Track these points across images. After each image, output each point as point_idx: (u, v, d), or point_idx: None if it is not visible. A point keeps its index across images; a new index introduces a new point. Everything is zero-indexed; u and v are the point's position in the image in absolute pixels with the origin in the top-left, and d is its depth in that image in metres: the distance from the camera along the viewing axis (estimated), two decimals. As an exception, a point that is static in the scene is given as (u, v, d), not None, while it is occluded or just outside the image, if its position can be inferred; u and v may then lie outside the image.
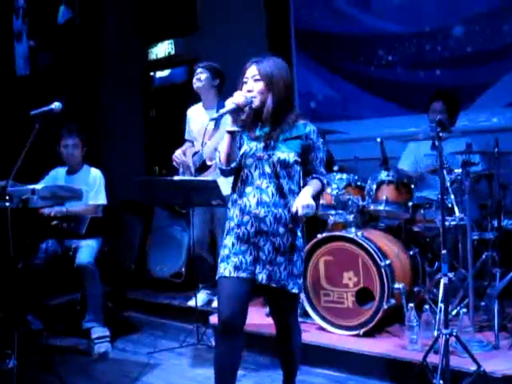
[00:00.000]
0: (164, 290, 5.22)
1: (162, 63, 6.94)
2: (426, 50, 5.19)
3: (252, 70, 2.64)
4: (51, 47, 5.97)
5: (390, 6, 5.36)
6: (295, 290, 2.65)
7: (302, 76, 5.96)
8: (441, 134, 3.04)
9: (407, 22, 5.27)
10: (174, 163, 4.48)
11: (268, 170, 2.61)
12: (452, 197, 3.64)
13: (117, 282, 4.93)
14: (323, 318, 3.87)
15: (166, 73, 7.04)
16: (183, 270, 5.26)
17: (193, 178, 4.26)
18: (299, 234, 2.68)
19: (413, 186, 4.03)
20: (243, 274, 2.60)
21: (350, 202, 3.98)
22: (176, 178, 4.24)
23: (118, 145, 6.70)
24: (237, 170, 2.68)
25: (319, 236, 3.89)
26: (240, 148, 2.67)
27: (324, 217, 4.22)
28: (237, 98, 2.54)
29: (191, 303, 4.47)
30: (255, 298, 4.38)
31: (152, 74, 7.15)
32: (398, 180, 3.97)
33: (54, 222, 3.84)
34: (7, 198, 3.15)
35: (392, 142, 4.30)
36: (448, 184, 3.62)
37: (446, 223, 3.18)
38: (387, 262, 3.71)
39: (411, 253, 4.07)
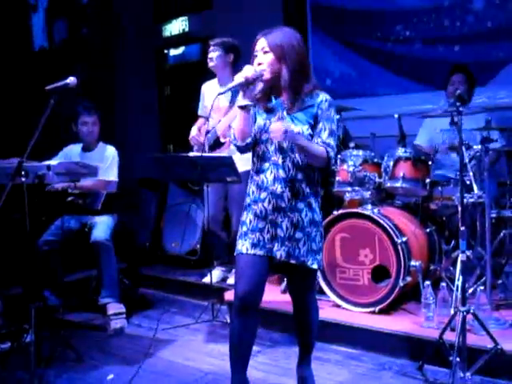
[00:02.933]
0: (179, 266, 5.25)
1: (176, 41, 6.89)
2: (445, 25, 5.10)
3: (261, 43, 2.59)
4: (68, 21, 5.93)
5: (408, -20, 5.26)
6: (315, 266, 2.63)
7: (317, 53, 5.89)
8: (461, 109, 2.98)
9: (425, -3, 5.17)
10: (192, 143, 4.49)
11: (283, 144, 2.56)
12: (471, 174, 3.57)
13: (132, 258, 4.94)
14: (339, 296, 3.86)
15: (180, 50, 6.99)
16: (198, 246, 5.27)
17: (208, 154, 4.24)
18: (317, 208, 2.65)
19: (430, 163, 3.97)
20: (260, 252, 2.58)
21: (366, 179, 3.94)
22: (191, 154, 4.23)
23: (134, 123, 6.69)
24: (253, 146, 2.64)
25: (335, 213, 3.87)
26: (254, 123, 2.62)
27: (340, 193, 4.19)
28: (246, 72, 2.50)
29: (206, 280, 4.48)
30: (271, 275, 4.41)
31: (166, 51, 7.11)
32: (415, 156, 3.92)
33: (70, 198, 3.84)
34: (23, 173, 3.15)
35: (409, 119, 4.24)
36: (467, 161, 3.57)
37: (464, 200, 3.13)
38: (404, 239, 3.68)
39: (428, 230, 4.04)
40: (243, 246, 2.61)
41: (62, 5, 5.88)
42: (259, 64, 2.56)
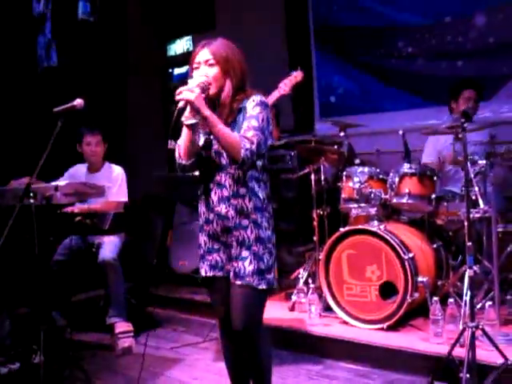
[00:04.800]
0: (186, 285, 5.23)
1: (180, 60, 6.95)
2: (447, 40, 5.14)
3: (204, 54, 2.41)
4: (70, 43, 5.98)
5: (409, -3, 5.32)
6: (262, 286, 2.43)
7: (320, 70, 5.95)
8: (465, 125, 2.99)
9: (428, 13, 5.23)
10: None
11: (223, 161, 2.42)
12: (476, 189, 3.58)
13: (139, 277, 4.94)
14: (346, 312, 3.85)
15: (184, 69, 7.05)
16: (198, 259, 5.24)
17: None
18: (265, 224, 2.46)
19: (435, 179, 3.98)
20: (219, 273, 2.49)
21: (372, 195, 3.95)
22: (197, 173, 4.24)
23: (140, 141, 6.73)
24: (199, 165, 2.49)
25: (341, 229, 3.88)
26: (199, 140, 2.48)
27: (346, 210, 4.20)
28: (191, 84, 2.32)
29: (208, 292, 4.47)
30: (279, 292, 4.41)
31: (170, 70, 7.18)
32: (420, 172, 3.92)
33: (78, 219, 3.85)
34: (31, 195, 3.17)
35: (414, 134, 4.26)
36: (472, 176, 3.57)
37: (470, 215, 3.14)
38: (410, 255, 3.68)
39: (434, 246, 4.04)
40: (202, 269, 2.53)
41: (68, 25, 5.92)
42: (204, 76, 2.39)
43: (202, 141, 2.48)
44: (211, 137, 2.44)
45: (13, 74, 5.42)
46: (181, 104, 2.29)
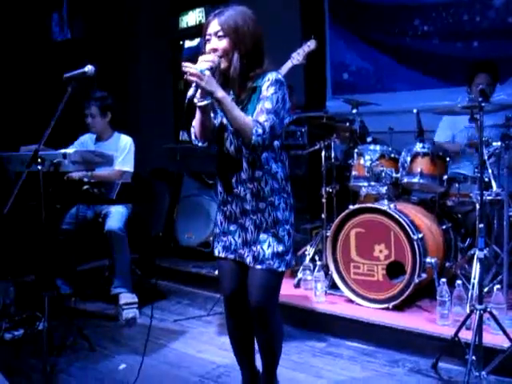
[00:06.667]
0: (192, 258, 5.23)
1: (192, 32, 6.86)
2: (464, 20, 5.04)
3: (214, 26, 2.27)
4: (83, 19, 5.94)
5: (427, -25, 5.21)
6: (282, 269, 2.40)
7: (334, 46, 5.87)
8: (483, 105, 2.93)
9: (444, -10, 5.12)
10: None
11: (241, 142, 2.31)
12: (490, 171, 3.52)
13: (145, 249, 4.94)
14: (352, 291, 3.84)
15: (194, 42, 6.96)
16: (211, 239, 5.25)
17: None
18: (283, 205, 2.40)
19: (448, 160, 3.93)
20: (231, 256, 2.45)
21: (383, 174, 3.92)
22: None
23: (148, 113, 6.68)
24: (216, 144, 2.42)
25: (351, 207, 3.85)
26: (215, 119, 2.40)
27: (356, 188, 4.16)
28: (200, 66, 2.17)
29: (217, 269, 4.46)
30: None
31: (181, 43, 7.09)
32: (433, 152, 3.86)
33: (85, 187, 3.83)
34: (39, 161, 3.14)
35: (427, 115, 4.19)
36: (486, 157, 3.52)
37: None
38: (420, 235, 3.65)
39: (444, 227, 4.00)
40: (216, 248, 2.51)
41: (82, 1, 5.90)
42: (214, 50, 2.26)
43: (218, 120, 2.40)
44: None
45: (26, 46, 5.40)
46: (191, 92, 2.17)
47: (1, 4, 5.16)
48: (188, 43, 7.03)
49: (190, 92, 2.17)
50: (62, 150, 3.52)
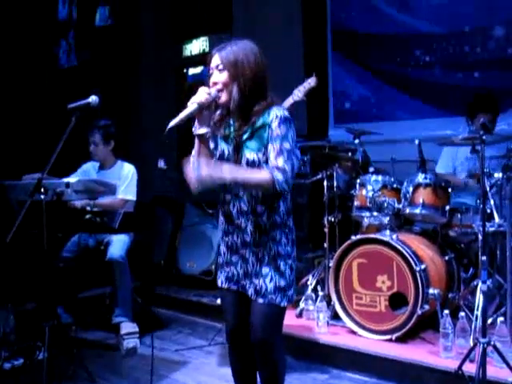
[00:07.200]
0: (193, 287, 5.21)
1: (195, 60, 6.93)
2: (465, 50, 5.10)
3: (215, 60, 2.30)
4: (90, 46, 6.01)
5: (428, 6, 5.29)
6: (284, 304, 2.36)
7: (337, 75, 5.92)
8: (484, 138, 2.95)
9: (446, 22, 5.18)
10: None
11: None
12: (492, 202, 3.53)
13: (146, 277, 4.92)
14: (355, 322, 3.81)
15: (198, 70, 7.02)
16: (213, 267, 5.23)
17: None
18: (284, 240, 2.38)
19: (450, 190, 3.94)
20: (234, 287, 2.43)
21: (385, 204, 3.92)
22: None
23: (152, 141, 6.71)
24: None
25: (353, 238, 3.84)
26: (215, 149, 2.38)
27: (358, 218, 4.16)
28: (199, 97, 2.22)
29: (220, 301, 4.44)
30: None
31: (185, 70, 7.16)
32: (435, 183, 3.88)
33: (87, 216, 3.84)
34: (42, 190, 3.15)
35: (429, 144, 4.21)
36: (487, 189, 3.52)
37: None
38: (422, 266, 3.64)
39: (446, 258, 3.99)
40: (219, 278, 2.49)
41: (88, 30, 5.97)
42: (214, 84, 2.29)
43: (218, 151, 2.38)
44: (227, 146, 2.37)
45: (32, 73, 5.46)
46: (172, 123, 2.17)
47: (10, 31, 5.22)
48: (191, 71, 7.10)
49: (174, 121, 2.17)
50: (65, 179, 3.54)
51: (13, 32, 5.25)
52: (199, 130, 2.26)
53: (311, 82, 3.84)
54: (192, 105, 2.21)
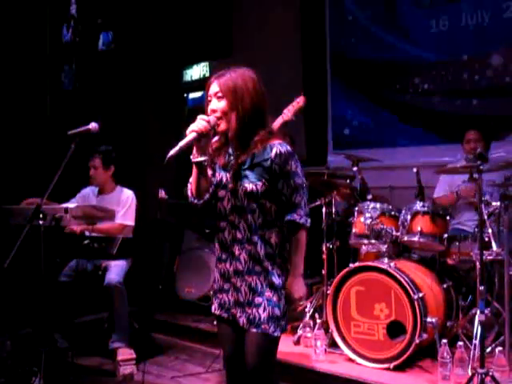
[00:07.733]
0: (191, 312, 5.17)
1: (196, 85, 6.99)
2: (463, 78, 5.15)
3: (214, 87, 2.29)
4: (92, 70, 6.06)
5: (427, 34, 5.35)
6: (277, 334, 2.32)
7: (336, 101, 5.96)
8: (481, 167, 2.97)
9: (444, 51, 5.25)
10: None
11: (238, 203, 2.29)
12: (489, 230, 3.54)
13: (144, 302, 4.90)
14: (352, 350, 3.79)
15: (198, 94, 7.08)
16: (211, 293, 5.19)
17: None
18: (277, 271, 2.32)
19: (448, 218, 3.95)
20: (225, 315, 2.39)
21: (383, 232, 3.92)
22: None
23: (151, 165, 6.73)
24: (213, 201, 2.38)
25: (351, 265, 3.84)
26: (214, 175, 2.37)
27: (356, 245, 4.16)
28: (198, 125, 2.20)
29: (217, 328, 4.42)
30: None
31: (185, 95, 7.22)
32: (433, 211, 3.89)
33: (86, 242, 3.85)
34: (41, 215, 3.16)
35: (427, 171, 4.23)
36: (485, 217, 3.53)
37: (483, 257, 3.10)
38: (420, 294, 3.63)
39: (445, 286, 3.98)
40: (213, 305, 2.47)
41: (90, 55, 6.04)
42: (213, 111, 2.27)
43: (216, 178, 2.38)
44: (226, 174, 2.35)
45: (34, 97, 5.49)
46: (172, 153, 2.17)
47: (13, 55, 5.27)
48: (192, 95, 7.16)
49: (174, 150, 2.17)
50: (64, 205, 3.56)
51: (16, 55, 5.30)
52: (197, 157, 2.25)
53: (300, 101, 3.85)
54: (191, 133, 2.20)
